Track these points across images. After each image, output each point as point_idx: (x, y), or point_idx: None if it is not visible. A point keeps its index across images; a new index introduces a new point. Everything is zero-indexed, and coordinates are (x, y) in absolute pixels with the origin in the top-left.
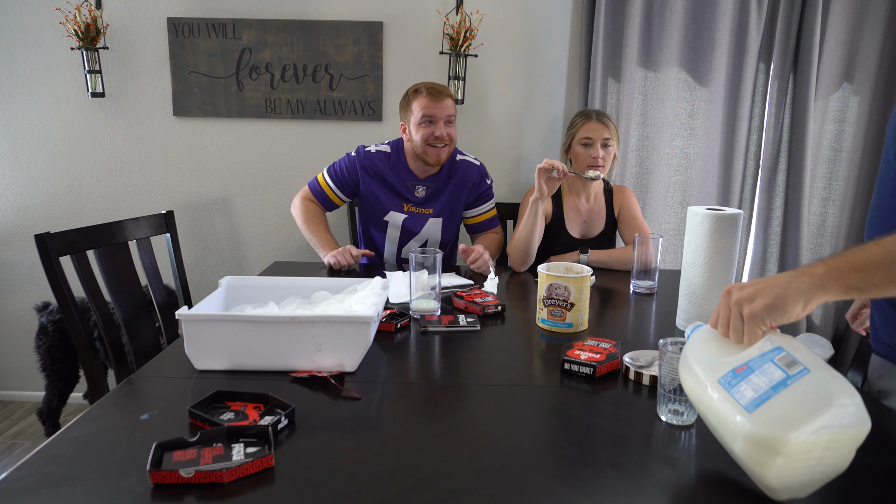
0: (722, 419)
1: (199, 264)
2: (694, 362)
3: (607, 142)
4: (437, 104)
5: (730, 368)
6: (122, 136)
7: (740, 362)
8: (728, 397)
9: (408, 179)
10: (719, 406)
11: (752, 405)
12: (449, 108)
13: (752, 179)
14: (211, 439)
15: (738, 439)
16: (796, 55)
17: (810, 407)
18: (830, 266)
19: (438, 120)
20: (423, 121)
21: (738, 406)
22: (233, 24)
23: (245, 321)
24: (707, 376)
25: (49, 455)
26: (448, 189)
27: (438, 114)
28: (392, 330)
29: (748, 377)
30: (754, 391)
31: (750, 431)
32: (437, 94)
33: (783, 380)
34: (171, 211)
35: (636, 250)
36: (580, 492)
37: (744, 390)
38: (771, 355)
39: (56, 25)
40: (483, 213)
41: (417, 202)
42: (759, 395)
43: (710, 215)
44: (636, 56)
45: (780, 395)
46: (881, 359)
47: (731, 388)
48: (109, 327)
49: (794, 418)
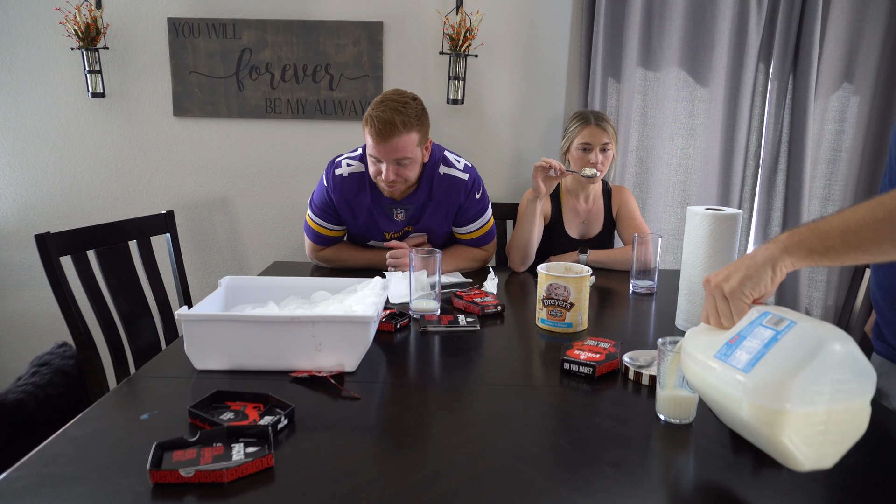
0: (726, 393)
1: (199, 264)
2: (692, 350)
3: (606, 146)
4: (381, 147)
5: (723, 342)
6: (122, 136)
7: (732, 335)
8: (725, 366)
9: (384, 202)
10: (719, 377)
11: (748, 366)
12: (398, 150)
13: (752, 179)
14: (211, 439)
15: (743, 406)
16: (796, 55)
17: (804, 353)
18: (793, 233)
19: (383, 162)
20: (371, 157)
21: (736, 370)
22: (233, 24)
23: (245, 321)
24: (705, 357)
25: (49, 455)
26: (430, 209)
27: (384, 157)
28: (392, 330)
29: (741, 344)
30: (748, 353)
31: (752, 391)
32: (382, 136)
33: (773, 336)
34: (171, 211)
35: (636, 250)
36: (580, 492)
37: (739, 356)
38: (759, 320)
39: (56, 25)
40: (473, 231)
41: (399, 227)
42: (752, 355)
43: (709, 215)
44: (636, 56)
45: (773, 351)
46: (882, 359)
47: (727, 357)
48: (109, 327)
49: (790, 366)
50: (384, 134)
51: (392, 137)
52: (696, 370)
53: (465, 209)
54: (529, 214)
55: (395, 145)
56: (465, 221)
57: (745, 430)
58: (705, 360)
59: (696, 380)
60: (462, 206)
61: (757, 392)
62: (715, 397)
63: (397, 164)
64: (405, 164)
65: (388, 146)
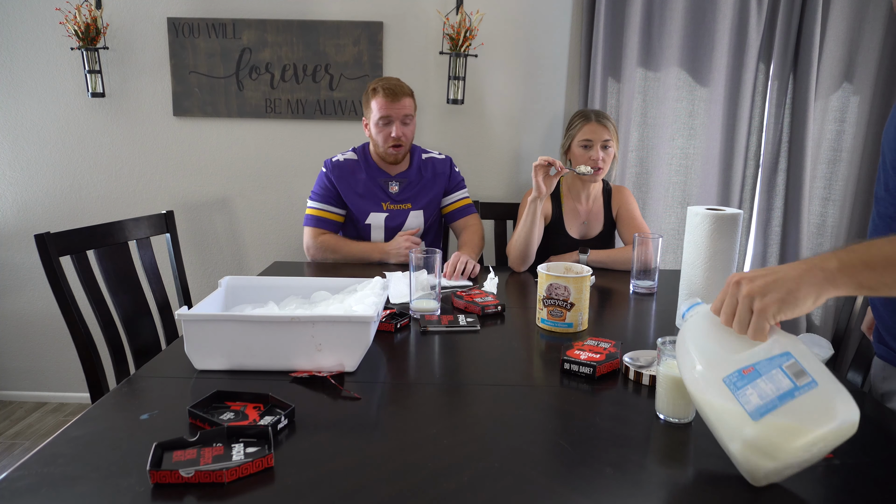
0: (723, 420)
1: (199, 264)
2: (696, 353)
3: (607, 143)
4: (393, 104)
5: (736, 368)
6: (122, 136)
7: (747, 363)
8: (733, 400)
9: (380, 177)
10: (722, 407)
11: (757, 413)
12: (406, 108)
13: (752, 179)
14: (211, 439)
15: (737, 441)
16: (796, 55)
17: (814, 421)
18: (844, 262)
19: (395, 120)
20: (380, 121)
21: (743, 412)
22: (233, 24)
23: (245, 321)
24: (711, 373)
25: (49, 455)
26: (422, 183)
27: (395, 114)
28: (392, 330)
29: (755, 381)
30: (760, 398)
31: (753, 439)
32: (394, 94)
33: (791, 390)
34: (171, 211)
35: (636, 250)
36: (580, 492)
37: (749, 395)
38: (779, 361)
39: (56, 25)
40: (459, 200)
41: (394, 198)
42: (765, 402)
43: (710, 215)
44: (636, 56)
45: (786, 407)
46: (884, 363)
47: (736, 390)
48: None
49: (797, 431)
50: (396, 93)
51: (401, 96)
52: (697, 381)
53: (453, 178)
54: (529, 214)
55: (403, 103)
56: (455, 188)
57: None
58: (711, 377)
59: (694, 388)
60: (449, 175)
61: (757, 443)
62: (709, 415)
63: (403, 124)
64: (408, 123)
65: (399, 104)
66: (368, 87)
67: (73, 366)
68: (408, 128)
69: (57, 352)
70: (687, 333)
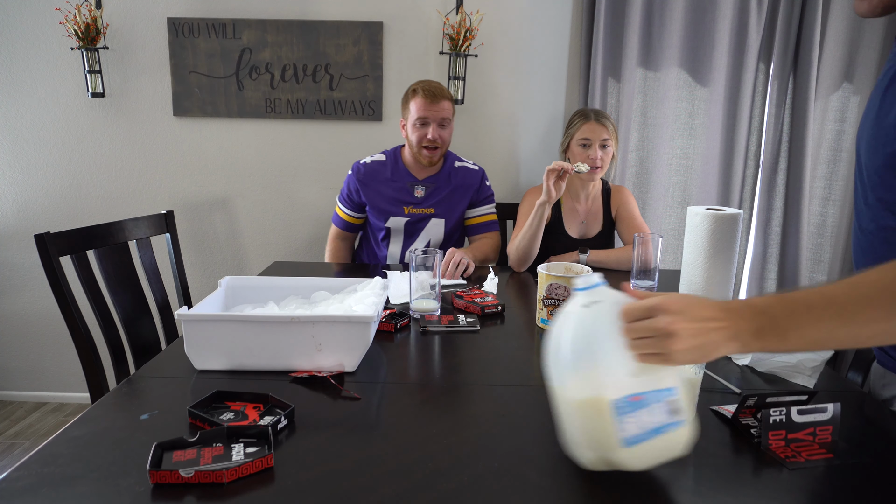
0: (590, 432)
1: (199, 264)
2: (598, 355)
3: (606, 142)
4: (431, 106)
5: (626, 393)
6: (122, 136)
7: (638, 389)
8: (612, 422)
9: (406, 181)
10: (597, 422)
11: (629, 441)
12: (444, 111)
13: (752, 179)
14: (211, 439)
15: (594, 454)
16: (796, 55)
17: (666, 453)
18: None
19: (432, 122)
20: (417, 122)
21: (617, 437)
22: (233, 24)
23: (245, 321)
24: (600, 386)
25: (49, 455)
26: (448, 190)
27: (432, 116)
28: (392, 330)
29: (639, 411)
30: (638, 428)
31: (612, 460)
32: (433, 96)
33: (665, 425)
34: (171, 211)
35: (636, 250)
36: (580, 492)
37: (628, 423)
38: (665, 394)
39: (56, 25)
40: (484, 215)
41: (417, 202)
42: (640, 433)
43: (710, 215)
44: (636, 56)
45: (654, 440)
46: (884, 369)
47: (619, 414)
48: (109, 327)
49: (650, 460)
50: (435, 95)
51: (440, 99)
52: (580, 384)
53: (480, 191)
54: (535, 218)
55: (442, 106)
56: (481, 202)
57: (566, 437)
58: (599, 391)
59: (571, 387)
60: (477, 188)
61: (612, 462)
62: (575, 412)
63: (440, 126)
64: (445, 126)
65: (438, 106)
66: (408, 88)
67: (73, 366)
68: (444, 131)
69: (57, 352)
70: (591, 323)
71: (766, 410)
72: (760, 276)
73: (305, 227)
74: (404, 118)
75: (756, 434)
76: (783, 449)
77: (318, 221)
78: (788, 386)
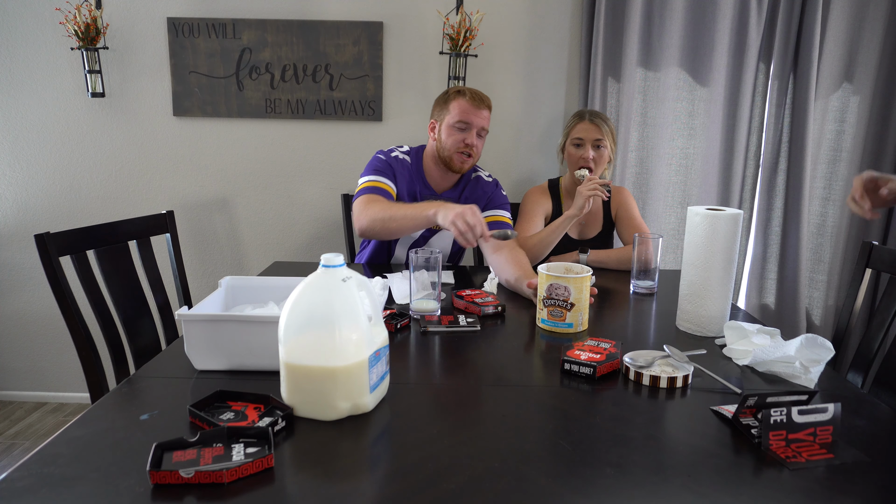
0: (346, 382)
1: (199, 264)
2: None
3: (599, 143)
4: (476, 111)
5: (373, 349)
6: (122, 136)
7: (378, 346)
8: (366, 372)
9: (424, 193)
10: (351, 371)
11: (372, 388)
12: (485, 120)
13: (752, 179)
14: (211, 439)
15: (348, 402)
16: (796, 55)
17: (380, 392)
18: None
19: (473, 128)
20: (457, 124)
21: (368, 384)
22: (233, 24)
23: (245, 321)
24: (364, 343)
25: (49, 455)
26: (461, 202)
27: (474, 121)
28: (392, 330)
29: (375, 365)
30: (377, 377)
31: (362, 404)
32: (480, 101)
33: (385, 373)
34: (171, 211)
35: (636, 250)
36: (580, 492)
37: (372, 373)
38: (383, 350)
39: (56, 25)
40: (497, 216)
41: None
42: (374, 382)
43: (709, 215)
44: (636, 56)
45: (381, 385)
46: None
47: (370, 366)
48: (109, 327)
49: (373, 403)
50: (482, 100)
51: (484, 107)
52: (358, 338)
53: (495, 197)
54: (560, 229)
55: (484, 115)
56: (496, 207)
57: (324, 382)
58: (364, 346)
59: (348, 334)
60: (491, 196)
61: (361, 406)
62: (338, 363)
63: (478, 135)
64: (482, 136)
65: (481, 113)
66: (450, 89)
67: (73, 366)
68: (480, 141)
69: (57, 352)
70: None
71: (766, 410)
72: (760, 276)
73: (305, 227)
74: (437, 118)
75: (756, 434)
76: (784, 449)
77: (318, 221)
78: (789, 386)
